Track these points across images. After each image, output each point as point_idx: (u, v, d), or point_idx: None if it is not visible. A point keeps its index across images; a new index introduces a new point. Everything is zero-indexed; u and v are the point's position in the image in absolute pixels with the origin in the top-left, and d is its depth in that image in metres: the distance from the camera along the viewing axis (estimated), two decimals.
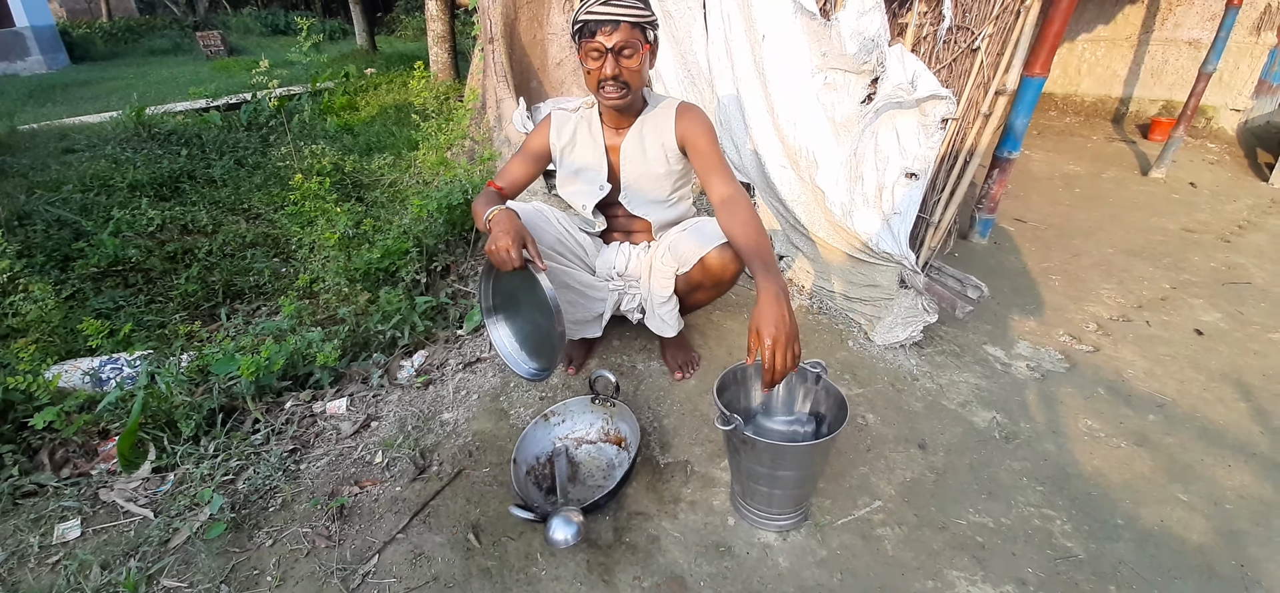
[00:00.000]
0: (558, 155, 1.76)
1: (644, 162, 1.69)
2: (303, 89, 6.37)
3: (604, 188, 1.74)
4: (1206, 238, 3.24)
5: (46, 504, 1.47)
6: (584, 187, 1.76)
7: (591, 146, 1.73)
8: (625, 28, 1.48)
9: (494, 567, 1.33)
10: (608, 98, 1.56)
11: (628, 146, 1.69)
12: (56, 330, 2.08)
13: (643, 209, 1.77)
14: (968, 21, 2.12)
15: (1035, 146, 4.92)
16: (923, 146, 2.00)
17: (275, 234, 3.18)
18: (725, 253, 1.59)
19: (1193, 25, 5.21)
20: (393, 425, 1.73)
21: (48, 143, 4.69)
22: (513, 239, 1.41)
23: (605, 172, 1.73)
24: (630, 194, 1.75)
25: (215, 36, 12.15)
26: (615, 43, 1.48)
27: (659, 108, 1.68)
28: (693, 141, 1.62)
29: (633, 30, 1.49)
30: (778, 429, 1.52)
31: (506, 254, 1.39)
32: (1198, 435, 1.78)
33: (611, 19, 1.46)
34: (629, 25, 1.48)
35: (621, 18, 1.47)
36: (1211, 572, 1.37)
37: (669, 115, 1.66)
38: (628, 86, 1.55)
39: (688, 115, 1.64)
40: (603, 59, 1.50)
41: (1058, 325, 2.32)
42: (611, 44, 1.48)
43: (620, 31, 1.48)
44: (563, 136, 1.75)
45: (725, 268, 1.62)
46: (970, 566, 1.35)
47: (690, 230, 1.66)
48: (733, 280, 1.68)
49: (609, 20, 1.47)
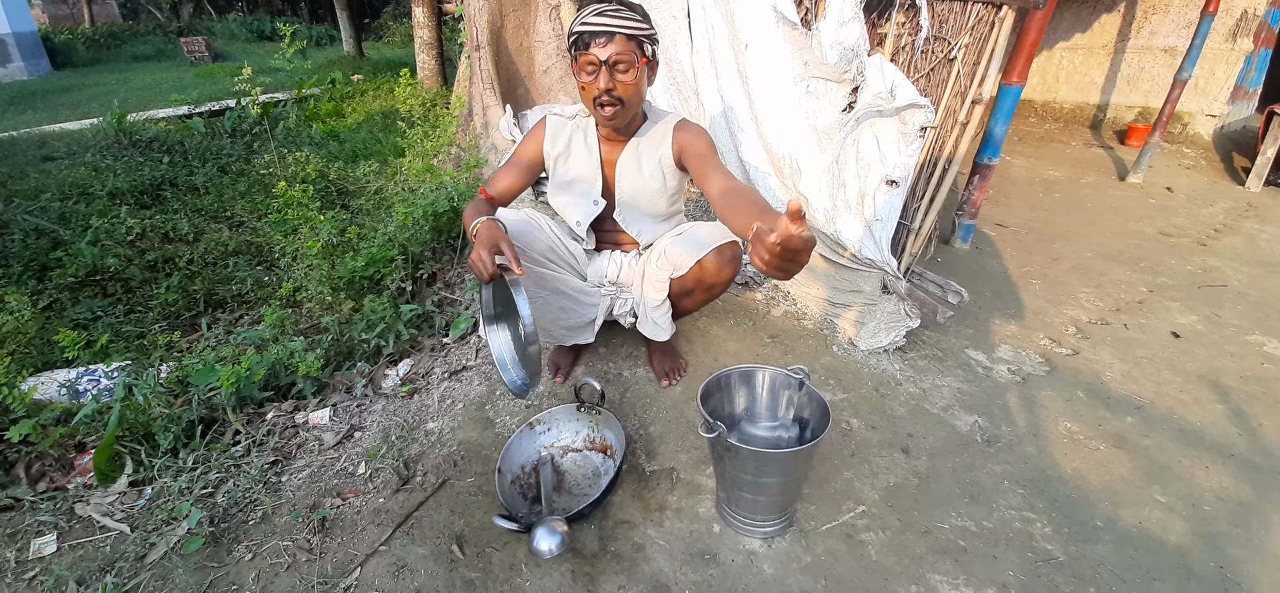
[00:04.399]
0: (551, 163, 1.73)
1: (640, 178, 1.66)
2: (288, 95, 6.33)
3: (598, 204, 1.71)
4: (1183, 242, 3.30)
5: (22, 519, 1.44)
6: (576, 199, 1.73)
7: (586, 158, 1.69)
8: (620, 40, 1.42)
9: (478, 578, 1.32)
10: (603, 117, 1.52)
11: (624, 162, 1.66)
12: (33, 342, 2.05)
13: (636, 226, 1.75)
14: (944, 32, 2.16)
15: (1015, 153, 4.99)
16: (903, 154, 2.03)
17: (258, 242, 3.15)
18: (721, 256, 1.59)
19: (1168, 33, 5.32)
20: (376, 436, 1.72)
21: (27, 150, 4.62)
22: (488, 249, 1.36)
23: (599, 186, 1.70)
24: (625, 210, 1.73)
25: (199, 43, 12.03)
26: (609, 56, 1.43)
27: (659, 124, 1.65)
28: (690, 147, 1.58)
29: (628, 43, 1.43)
30: (762, 436, 1.53)
31: (482, 264, 1.35)
32: (1175, 437, 1.81)
33: (605, 30, 1.41)
34: (624, 38, 1.43)
35: (616, 29, 1.42)
36: (1190, 573, 1.39)
37: (667, 131, 1.63)
38: (622, 103, 1.50)
39: (687, 129, 1.62)
40: (597, 73, 1.45)
41: (1038, 329, 2.35)
42: (605, 56, 1.43)
43: (615, 44, 1.42)
44: (557, 144, 1.70)
45: (720, 272, 1.62)
46: (952, 569, 1.37)
47: (684, 236, 1.65)
48: (726, 285, 1.69)
49: (603, 31, 1.41)
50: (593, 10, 1.43)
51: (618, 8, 1.44)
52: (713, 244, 1.60)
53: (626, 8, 1.45)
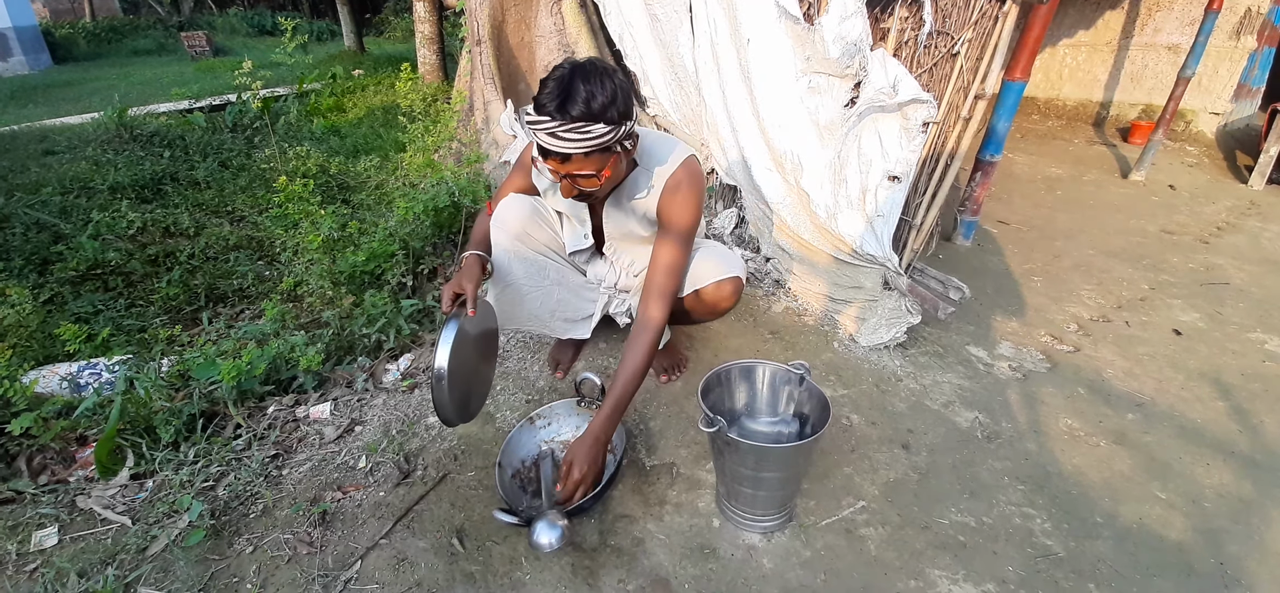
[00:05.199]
0: (541, 193, 1.66)
1: (626, 226, 1.59)
2: (289, 90, 6.32)
3: (588, 240, 1.66)
4: (1185, 239, 3.29)
5: (24, 511, 1.44)
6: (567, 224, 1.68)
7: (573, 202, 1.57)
8: (579, 158, 1.24)
9: (478, 571, 1.33)
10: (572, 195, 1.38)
11: (609, 211, 1.58)
12: (34, 335, 2.05)
13: (628, 257, 1.72)
14: (948, 26, 2.15)
15: (1018, 150, 4.98)
16: (905, 150, 2.02)
17: (259, 237, 3.15)
18: (721, 289, 1.58)
19: (1172, 30, 5.30)
20: (377, 430, 1.72)
21: (28, 145, 4.61)
22: (452, 290, 1.38)
23: (589, 223, 1.63)
24: (614, 245, 1.70)
25: (200, 37, 11.99)
26: (571, 170, 1.28)
27: (652, 172, 1.47)
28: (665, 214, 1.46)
29: (591, 156, 1.25)
30: (762, 431, 1.53)
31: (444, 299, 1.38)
32: (1176, 434, 1.81)
33: (561, 153, 1.23)
34: (584, 155, 1.24)
35: (573, 152, 1.22)
36: (1190, 569, 1.39)
37: (657, 188, 1.47)
38: (595, 192, 1.38)
39: (675, 196, 1.45)
40: (559, 176, 1.32)
41: (1039, 326, 2.35)
42: (567, 171, 1.28)
43: (575, 162, 1.25)
44: (543, 179, 1.59)
45: (717, 303, 1.61)
46: (952, 565, 1.37)
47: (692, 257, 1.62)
48: (723, 314, 1.68)
49: (558, 154, 1.24)
50: (545, 126, 1.21)
51: (572, 125, 1.19)
52: (713, 277, 1.58)
53: (585, 119, 1.20)
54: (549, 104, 1.20)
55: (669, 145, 1.49)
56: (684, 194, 1.45)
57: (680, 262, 1.49)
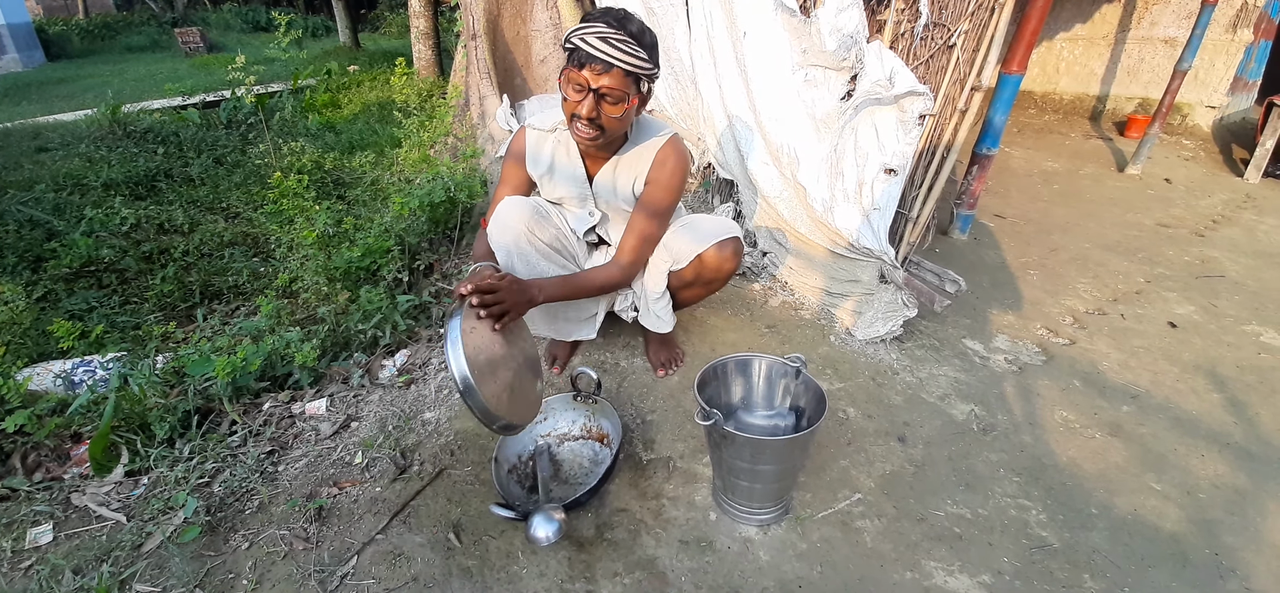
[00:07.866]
0: (538, 181, 1.68)
1: (615, 198, 1.62)
2: (283, 86, 6.29)
3: (594, 215, 1.68)
4: (1181, 233, 3.29)
5: (18, 509, 1.44)
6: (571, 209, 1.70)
7: (571, 174, 1.63)
8: (618, 73, 1.32)
9: (475, 566, 1.33)
10: (578, 134, 1.43)
11: (601, 179, 1.61)
12: (27, 332, 2.04)
13: (618, 234, 1.72)
14: (944, 18, 2.14)
15: (1015, 143, 4.98)
16: (901, 142, 2.02)
17: (254, 233, 3.14)
18: (723, 250, 1.58)
19: (1169, 23, 5.30)
20: (373, 425, 1.72)
21: (21, 142, 4.59)
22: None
23: (591, 199, 1.65)
24: (610, 226, 1.71)
25: (194, 33, 11.92)
26: (602, 86, 1.33)
27: (643, 144, 1.55)
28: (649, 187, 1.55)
29: (625, 79, 1.34)
30: (758, 424, 1.53)
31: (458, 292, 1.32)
32: (1171, 426, 1.81)
33: (603, 59, 1.30)
34: (622, 73, 1.32)
35: (615, 62, 1.31)
36: (1185, 560, 1.39)
37: (648, 156, 1.54)
38: (602, 131, 1.41)
39: (662, 169, 1.53)
40: (583, 96, 1.35)
41: (1035, 319, 2.35)
42: (597, 85, 1.33)
43: (611, 76, 1.32)
44: (540, 164, 1.64)
45: (721, 266, 1.61)
46: (948, 556, 1.37)
47: (686, 228, 1.64)
48: (726, 279, 1.68)
49: (601, 60, 1.30)
50: (595, 30, 1.31)
51: (624, 39, 1.31)
52: (714, 238, 1.59)
53: (633, 40, 1.32)
54: (607, 16, 1.33)
55: (658, 125, 1.60)
56: (671, 168, 1.54)
57: (655, 233, 1.62)
